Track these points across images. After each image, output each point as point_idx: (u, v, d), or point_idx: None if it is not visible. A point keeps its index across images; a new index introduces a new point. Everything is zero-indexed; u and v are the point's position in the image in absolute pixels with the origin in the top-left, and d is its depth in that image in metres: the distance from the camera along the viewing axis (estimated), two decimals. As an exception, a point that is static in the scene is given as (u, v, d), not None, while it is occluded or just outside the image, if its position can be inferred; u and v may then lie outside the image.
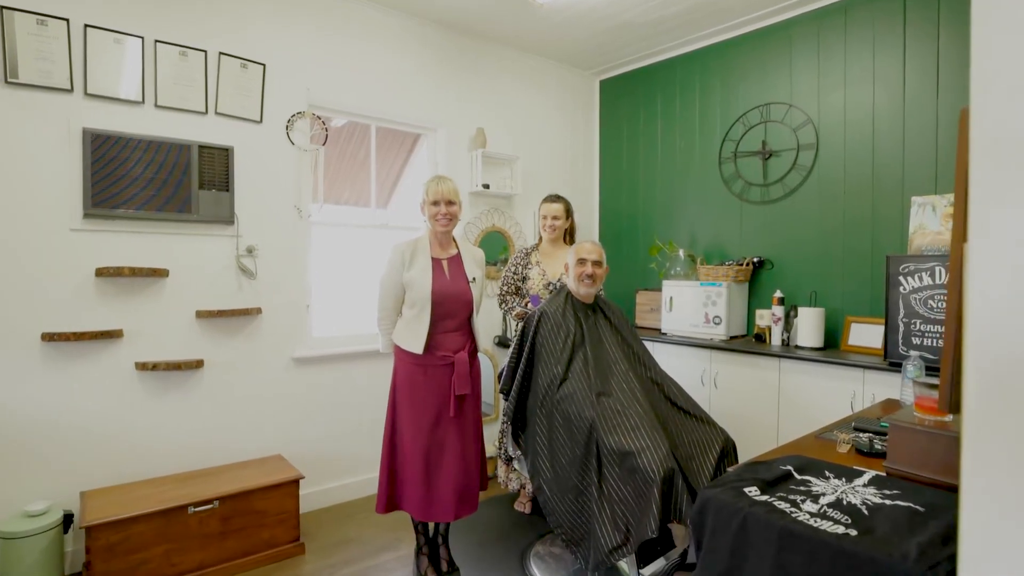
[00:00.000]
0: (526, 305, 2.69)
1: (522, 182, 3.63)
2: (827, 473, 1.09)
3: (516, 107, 3.68)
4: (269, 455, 2.64)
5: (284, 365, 2.72)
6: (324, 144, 2.85)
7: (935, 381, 1.26)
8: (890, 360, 2.41)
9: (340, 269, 2.98)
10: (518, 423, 2.20)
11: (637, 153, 3.94)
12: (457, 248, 2.19)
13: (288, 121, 2.72)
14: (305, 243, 2.80)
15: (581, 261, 2.27)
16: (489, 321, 3.51)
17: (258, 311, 2.60)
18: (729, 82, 3.40)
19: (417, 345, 2.02)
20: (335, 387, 2.87)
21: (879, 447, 1.43)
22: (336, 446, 2.87)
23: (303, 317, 2.78)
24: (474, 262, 2.20)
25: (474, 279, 2.15)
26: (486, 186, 3.42)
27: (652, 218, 3.84)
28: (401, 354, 2.09)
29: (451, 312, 2.08)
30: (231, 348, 2.56)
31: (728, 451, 2.10)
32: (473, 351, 2.17)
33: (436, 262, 2.10)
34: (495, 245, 3.56)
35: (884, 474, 1.14)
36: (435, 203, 2.06)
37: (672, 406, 2.19)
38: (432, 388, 2.05)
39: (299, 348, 2.76)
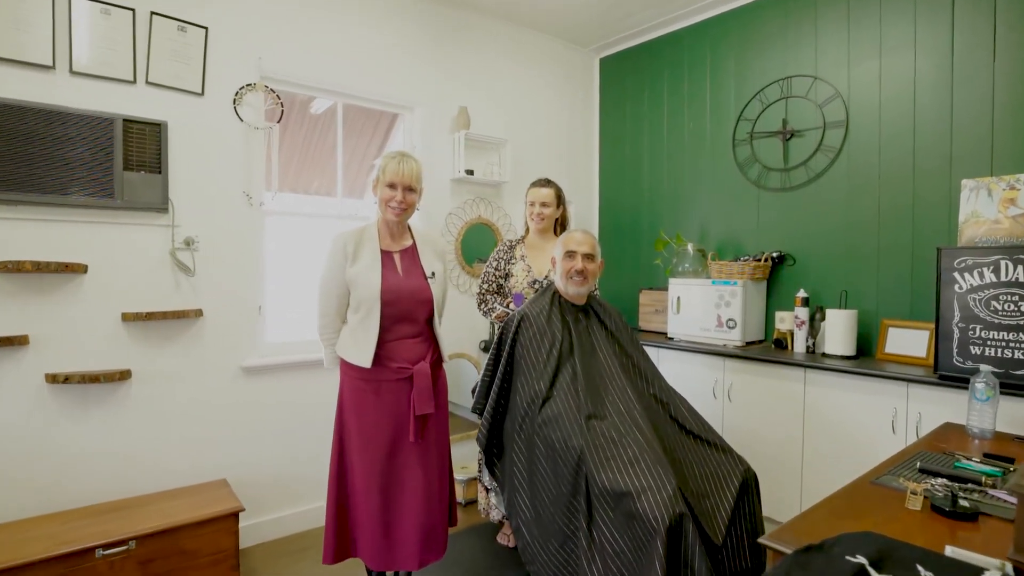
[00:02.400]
0: (508, 305, 2.31)
1: (512, 168, 3.26)
2: (921, 570, 0.71)
3: (505, 85, 3.31)
4: (211, 480, 2.28)
5: (231, 375, 2.36)
6: (279, 121, 2.49)
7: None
8: (941, 373, 2.02)
9: (300, 265, 2.61)
10: (493, 449, 1.83)
11: (641, 137, 3.55)
12: (412, 238, 1.82)
13: (236, 94, 2.35)
14: (257, 235, 2.44)
15: (570, 254, 1.90)
16: (473, 321, 3.14)
17: (198, 313, 2.24)
18: (744, 54, 3.01)
19: (364, 357, 1.65)
20: (292, 400, 2.51)
21: (966, 504, 1.05)
22: (292, 468, 2.51)
23: (254, 320, 2.42)
24: (433, 253, 1.83)
25: (433, 274, 1.77)
26: (470, 172, 3.04)
27: (657, 209, 3.46)
28: (347, 369, 1.73)
29: (406, 315, 1.71)
30: (166, 356, 2.20)
31: (750, 485, 1.73)
32: (436, 361, 1.80)
33: (386, 255, 1.73)
34: (481, 240, 3.18)
35: (1011, 570, 0.75)
36: (391, 186, 1.69)
37: (680, 429, 1.81)
38: (386, 409, 1.68)
39: (249, 356, 2.40)
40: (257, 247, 2.43)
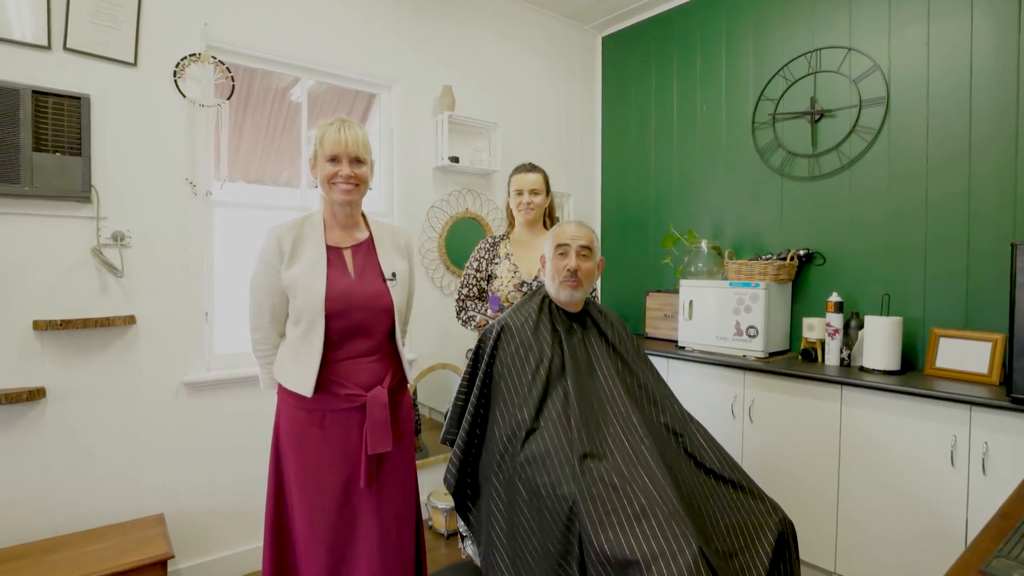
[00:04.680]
0: (486, 311, 1.97)
1: (503, 156, 2.91)
2: None
3: (495, 64, 2.96)
4: (145, 516, 1.95)
5: (171, 392, 2.03)
6: (229, 98, 2.15)
7: None
8: (1016, 396, 1.66)
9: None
10: (466, 491, 1.48)
11: (648, 122, 3.20)
12: (368, 230, 1.48)
13: (177, 66, 2.02)
14: (203, 229, 2.11)
15: (562, 249, 1.55)
16: (458, 327, 2.80)
17: (130, 320, 1.91)
18: (766, 25, 2.66)
19: (304, 382, 1.31)
20: (245, 420, 2.18)
21: None
22: (245, 499, 2.17)
23: (199, 328, 2.09)
24: (395, 249, 1.49)
25: (394, 275, 1.43)
26: (455, 159, 2.70)
27: (667, 201, 3.10)
28: (284, 395, 1.39)
29: (359, 327, 1.37)
30: (89, 372, 1.88)
31: (787, 540, 1.38)
32: (398, 385, 1.46)
33: (334, 253, 1.39)
34: (469, 236, 2.84)
35: None
36: (333, 159, 1.35)
37: (698, 468, 1.46)
38: (332, 447, 1.35)
39: (193, 369, 2.07)
40: (203, 243, 2.10)
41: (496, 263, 2.01)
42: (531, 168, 2.04)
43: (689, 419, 1.56)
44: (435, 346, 2.73)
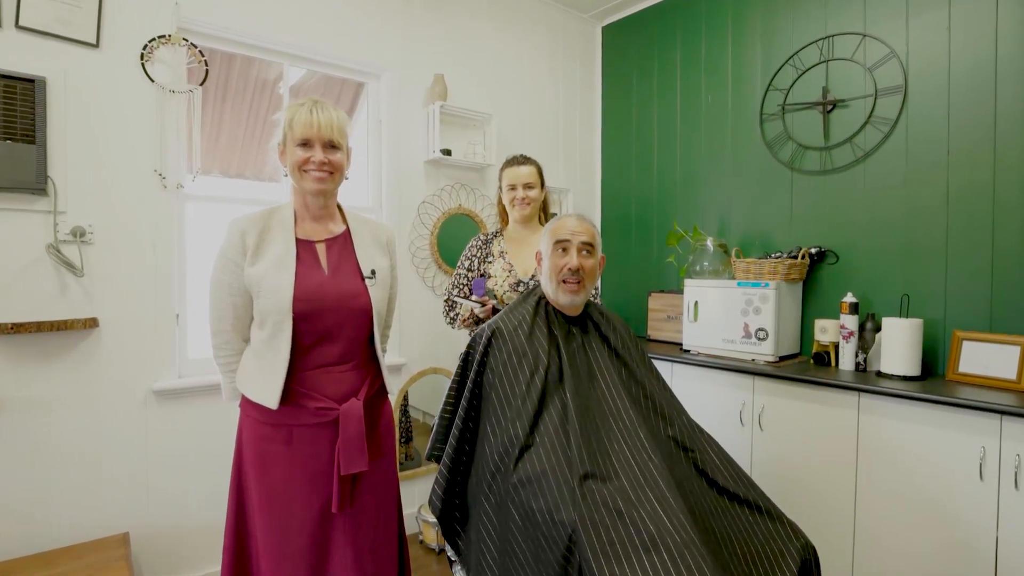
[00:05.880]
0: (470, 296, 1.79)
1: (498, 149, 2.77)
2: None
3: (489, 52, 2.82)
4: (108, 536, 1.80)
5: (138, 401, 1.88)
6: (203, 84, 2.01)
7: None
8: (1054, 405, 1.53)
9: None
10: (454, 514, 1.34)
11: (650, 115, 3.06)
12: (345, 222, 1.34)
13: (145, 48, 1.88)
14: (175, 225, 1.96)
15: (562, 246, 1.41)
16: (452, 328, 2.66)
17: (92, 323, 1.76)
18: (774, 12, 2.52)
19: (268, 393, 1.16)
20: (219, 428, 2.03)
21: None
22: (219, 515, 2.02)
23: (170, 331, 1.94)
24: (375, 243, 1.34)
25: (374, 273, 1.29)
26: (447, 152, 2.56)
27: (670, 197, 2.96)
28: (248, 408, 1.24)
29: (332, 331, 1.23)
30: (47, 379, 1.73)
31: (810, 567, 1.24)
32: (377, 395, 1.32)
33: (305, 247, 1.25)
34: (462, 233, 2.69)
35: None
36: (304, 143, 1.21)
37: (710, 486, 1.32)
38: (300, 466, 1.20)
39: (163, 376, 1.92)
40: (174, 239, 1.95)
41: (490, 262, 1.87)
42: (524, 160, 1.90)
43: (699, 432, 1.42)
44: (427, 349, 2.59)
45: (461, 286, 1.90)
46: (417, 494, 2.54)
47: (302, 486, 1.19)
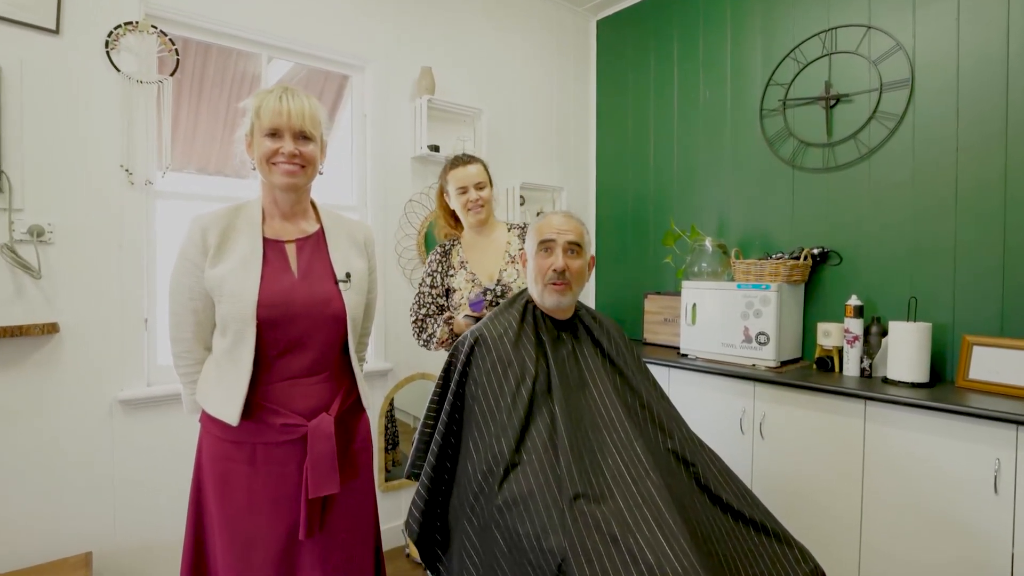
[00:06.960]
0: (470, 313, 1.69)
1: (488, 146, 2.67)
2: None
3: (479, 45, 2.72)
4: (68, 556, 1.69)
5: (103, 411, 1.77)
6: (173, 74, 1.89)
7: None
8: (1074, 416, 1.44)
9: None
10: (435, 536, 1.23)
11: (647, 111, 2.97)
12: (319, 221, 1.23)
13: (109, 35, 1.76)
14: (142, 225, 1.85)
15: (546, 245, 1.31)
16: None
17: (51, 329, 1.65)
18: (775, 3, 2.43)
19: (228, 408, 1.06)
20: (191, 439, 1.90)
21: None
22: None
23: (138, 337, 1.83)
24: (351, 244, 1.24)
25: (349, 276, 1.18)
26: (435, 148, 2.45)
27: (667, 196, 2.87)
28: (208, 423, 1.14)
29: (302, 340, 1.12)
30: (3, 388, 1.61)
31: (818, 594, 1.15)
32: (352, 409, 1.21)
33: (273, 247, 1.14)
34: (451, 232, 2.59)
35: None
36: (273, 133, 1.10)
37: (713, 503, 1.22)
38: (265, 489, 1.09)
39: (130, 384, 1.81)
40: (142, 239, 1.84)
41: (451, 275, 1.75)
42: (470, 159, 1.76)
43: (700, 445, 1.33)
44: (414, 354, 2.48)
45: (427, 304, 1.77)
46: (404, 504, 2.44)
47: (266, 509, 1.08)
